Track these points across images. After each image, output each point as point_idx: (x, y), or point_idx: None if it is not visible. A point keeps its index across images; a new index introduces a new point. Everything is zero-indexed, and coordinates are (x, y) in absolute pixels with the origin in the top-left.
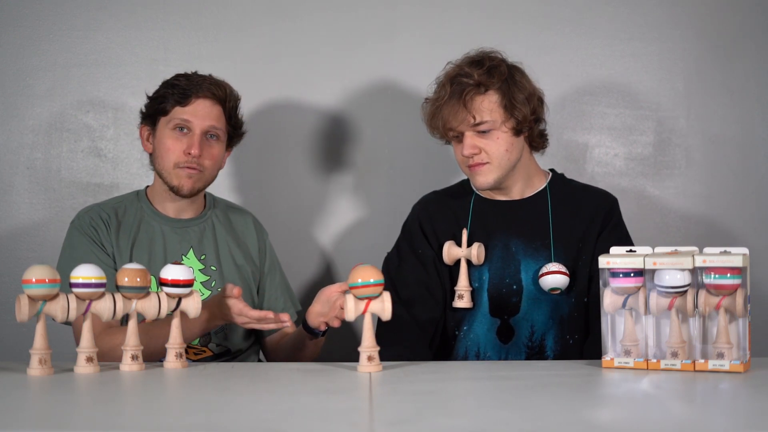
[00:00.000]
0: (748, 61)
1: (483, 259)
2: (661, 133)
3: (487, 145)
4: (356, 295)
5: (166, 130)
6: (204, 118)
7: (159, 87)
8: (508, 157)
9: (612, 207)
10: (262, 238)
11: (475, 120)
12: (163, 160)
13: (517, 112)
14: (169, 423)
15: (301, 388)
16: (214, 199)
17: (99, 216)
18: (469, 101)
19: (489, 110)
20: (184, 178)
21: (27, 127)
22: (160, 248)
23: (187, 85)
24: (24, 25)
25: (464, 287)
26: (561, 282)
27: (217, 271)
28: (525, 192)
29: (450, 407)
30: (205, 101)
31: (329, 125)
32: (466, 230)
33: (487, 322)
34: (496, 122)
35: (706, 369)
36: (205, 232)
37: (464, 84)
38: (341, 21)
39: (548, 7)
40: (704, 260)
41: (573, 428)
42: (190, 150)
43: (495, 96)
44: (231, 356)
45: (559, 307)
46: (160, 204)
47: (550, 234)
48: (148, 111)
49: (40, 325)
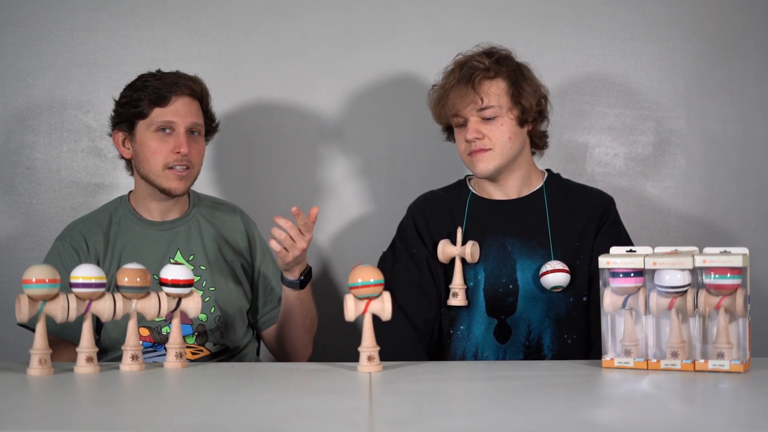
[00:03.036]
0: (748, 61)
1: (477, 257)
2: (661, 133)
3: (491, 131)
4: (356, 295)
5: (147, 132)
6: (186, 115)
7: (126, 90)
8: (510, 146)
9: (608, 206)
10: (250, 230)
11: (483, 103)
12: (149, 163)
13: (523, 101)
14: (169, 423)
15: (301, 388)
16: (198, 197)
17: (81, 235)
18: (478, 84)
19: (496, 95)
20: (175, 180)
21: (27, 127)
22: (147, 255)
23: (162, 84)
24: (24, 25)
25: (459, 285)
26: (563, 280)
27: (206, 270)
28: (522, 191)
29: (450, 407)
30: (185, 98)
31: (329, 125)
32: (461, 228)
33: (485, 322)
34: (502, 108)
35: (706, 369)
36: (191, 232)
37: (474, 68)
38: (341, 21)
39: (548, 7)
40: (704, 260)
41: (573, 428)
42: (178, 149)
43: (503, 83)
44: (229, 354)
45: (555, 306)
46: (145, 207)
47: (548, 233)
48: (123, 116)
49: (40, 325)
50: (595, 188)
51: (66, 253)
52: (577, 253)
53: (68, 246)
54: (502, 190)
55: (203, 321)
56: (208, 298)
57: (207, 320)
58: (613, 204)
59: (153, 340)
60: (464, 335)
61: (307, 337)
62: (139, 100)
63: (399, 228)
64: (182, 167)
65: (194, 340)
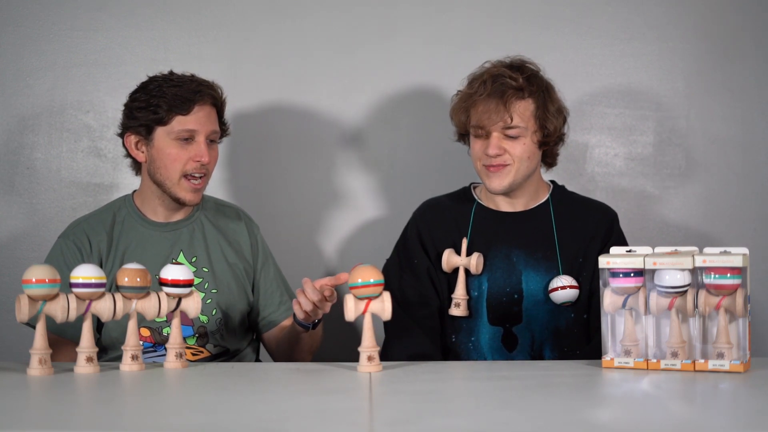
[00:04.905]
0: (748, 61)
1: (481, 269)
2: (661, 133)
3: (513, 147)
4: (356, 295)
5: (167, 140)
6: (206, 124)
7: (140, 94)
8: (528, 165)
9: (612, 223)
10: (253, 233)
11: (512, 122)
12: (168, 170)
13: (548, 124)
14: (169, 423)
15: (301, 388)
16: (203, 199)
17: (84, 233)
18: (510, 103)
19: (525, 116)
20: (191, 192)
21: (27, 127)
22: (150, 255)
23: (184, 92)
24: (24, 25)
25: (461, 296)
26: (573, 296)
27: (209, 272)
28: (529, 203)
29: (450, 407)
30: (205, 107)
31: (329, 126)
32: (466, 239)
33: (488, 331)
34: (528, 130)
35: (706, 369)
36: (194, 233)
37: (507, 84)
38: (341, 21)
39: (548, 7)
40: (704, 260)
41: (573, 428)
42: (199, 158)
43: (532, 105)
44: (229, 356)
45: (556, 319)
46: (150, 208)
47: (555, 246)
48: (140, 120)
49: (40, 325)
50: (600, 202)
51: (69, 251)
52: (580, 270)
53: (71, 244)
54: (510, 203)
55: (204, 323)
56: (210, 300)
57: (208, 322)
58: (617, 220)
59: (154, 340)
60: (475, 346)
61: (309, 356)
62: (158, 107)
63: (402, 235)
64: (200, 175)
65: (195, 341)
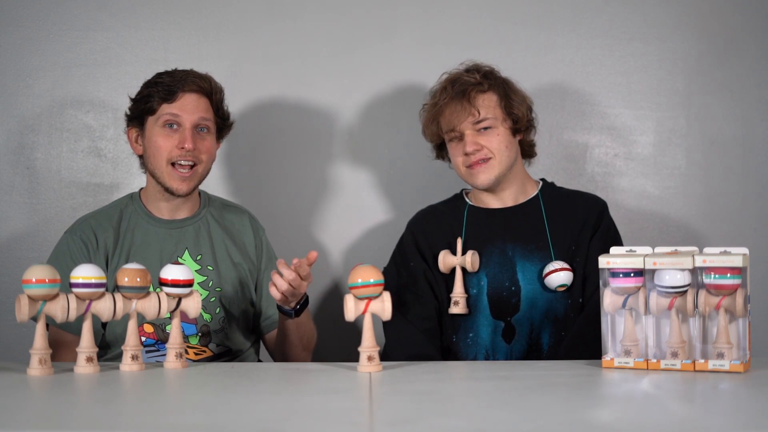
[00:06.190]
0: (748, 61)
1: (477, 266)
2: (661, 133)
3: (488, 141)
4: (356, 295)
5: (155, 128)
6: (192, 111)
7: (141, 88)
8: (508, 154)
9: (602, 210)
10: (258, 235)
11: (480, 115)
12: (155, 158)
13: (515, 110)
14: (169, 423)
15: (301, 388)
16: (209, 197)
17: (91, 229)
18: (473, 98)
19: (490, 107)
20: (177, 181)
21: (27, 127)
22: (156, 252)
23: (171, 81)
24: (24, 25)
25: (459, 294)
26: (567, 278)
27: (213, 270)
28: (518, 198)
29: (450, 407)
30: (192, 95)
31: (329, 125)
32: (461, 239)
33: (491, 324)
34: (497, 120)
35: (706, 369)
36: (200, 232)
37: (466, 83)
38: (341, 21)
39: (548, 7)
40: (704, 260)
41: (573, 428)
42: (183, 144)
43: (494, 96)
44: (231, 356)
45: (554, 307)
46: (154, 205)
47: (547, 236)
48: (134, 113)
49: (40, 325)
50: (589, 193)
51: (75, 247)
52: (573, 256)
53: (78, 240)
54: (499, 199)
55: (207, 321)
56: (214, 298)
57: (211, 321)
58: (606, 208)
59: (157, 337)
60: (474, 341)
61: (304, 354)
62: (149, 97)
63: (399, 242)
64: (187, 163)
65: (198, 340)
